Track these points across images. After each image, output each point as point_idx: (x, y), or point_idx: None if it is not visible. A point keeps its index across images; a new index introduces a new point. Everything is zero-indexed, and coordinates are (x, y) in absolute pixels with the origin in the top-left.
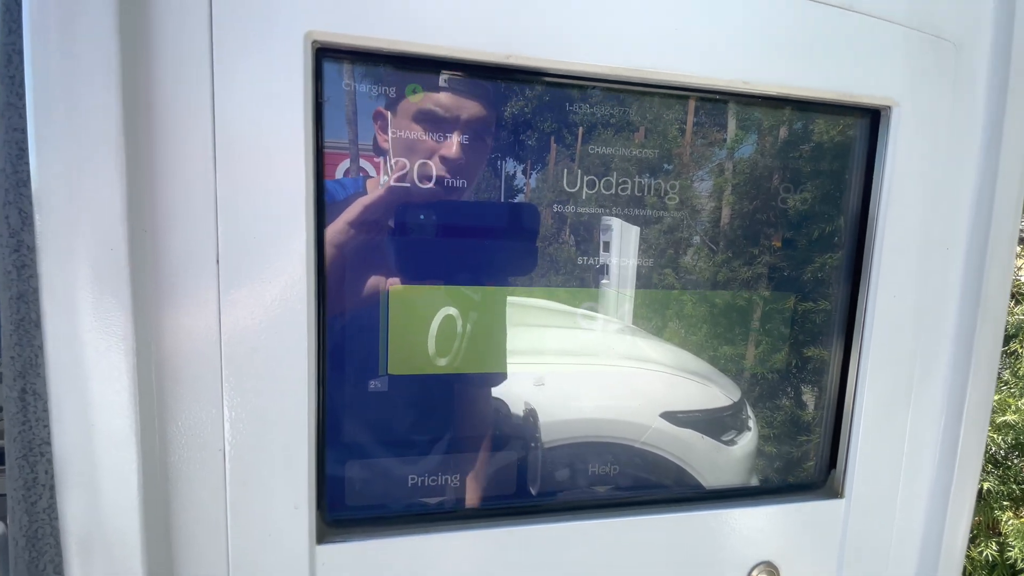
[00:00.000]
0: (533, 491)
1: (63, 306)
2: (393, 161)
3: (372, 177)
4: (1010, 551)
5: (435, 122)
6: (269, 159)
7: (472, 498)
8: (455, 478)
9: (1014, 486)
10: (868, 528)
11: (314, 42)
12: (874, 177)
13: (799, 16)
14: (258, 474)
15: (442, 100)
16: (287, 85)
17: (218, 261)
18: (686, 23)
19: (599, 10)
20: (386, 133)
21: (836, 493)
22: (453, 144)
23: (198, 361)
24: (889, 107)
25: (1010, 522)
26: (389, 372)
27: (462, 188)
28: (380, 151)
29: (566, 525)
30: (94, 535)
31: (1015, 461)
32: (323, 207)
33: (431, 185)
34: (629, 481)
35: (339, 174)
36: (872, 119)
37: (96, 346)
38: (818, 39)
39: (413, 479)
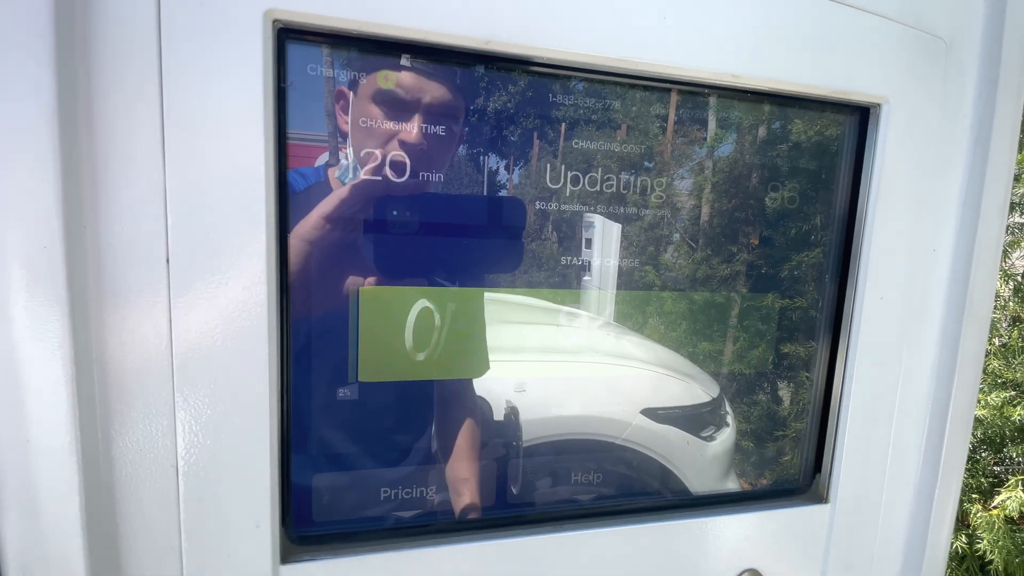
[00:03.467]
0: (512, 496)
1: None
2: (362, 152)
3: (332, 166)
4: (979, 543)
5: (404, 109)
6: (225, 148)
7: (448, 509)
8: (430, 489)
9: (983, 479)
10: (853, 532)
11: (275, 21)
12: (863, 175)
13: (790, 8)
14: (215, 491)
15: (413, 85)
16: (245, 67)
17: (168, 260)
18: (674, 14)
19: None
20: (352, 119)
21: (821, 498)
22: (414, 130)
23: (146, 371)
24: (879, 104)
25: (979, 515)
26: (360, 379)
27: (433, 180)
28: (344, 138)
29: (546, 537)
30: (34, 559)
31: (984, 455)
32: (286, 201)
33: (404, 177)
34: (610, 482)
35: (319, 163)
36: (862, 116)
37: (30, 355)
38: (809, 33)
39: (385, 491)
